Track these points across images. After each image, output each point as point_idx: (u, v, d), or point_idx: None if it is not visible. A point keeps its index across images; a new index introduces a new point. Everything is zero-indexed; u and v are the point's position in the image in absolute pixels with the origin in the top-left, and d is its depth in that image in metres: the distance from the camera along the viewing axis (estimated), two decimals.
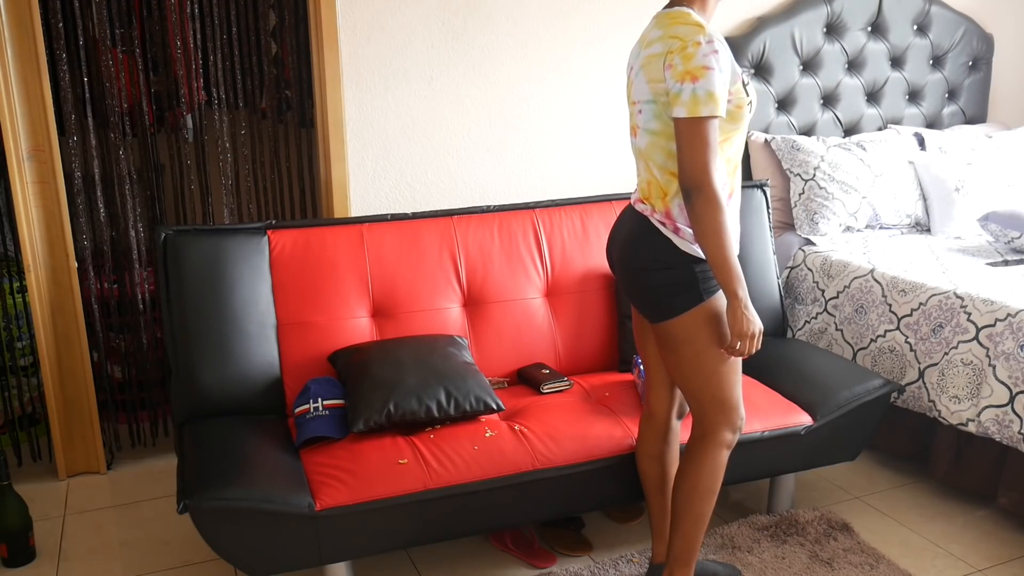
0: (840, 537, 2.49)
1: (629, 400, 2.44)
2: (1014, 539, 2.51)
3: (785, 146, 3.36)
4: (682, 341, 1.93)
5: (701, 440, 2.00)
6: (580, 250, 2.74)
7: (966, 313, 2.58)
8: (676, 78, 1.80)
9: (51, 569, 2.40)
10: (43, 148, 2.66)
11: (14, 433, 3.01)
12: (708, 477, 2.01)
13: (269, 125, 3.20)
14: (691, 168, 1.80)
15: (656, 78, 1.86)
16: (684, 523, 2.03)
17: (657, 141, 1.92)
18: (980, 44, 3.93)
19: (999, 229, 3.12)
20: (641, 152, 1.97)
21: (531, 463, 2.17)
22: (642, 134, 1.95)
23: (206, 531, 1.95)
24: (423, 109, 3.06)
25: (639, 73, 1.92)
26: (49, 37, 2.70)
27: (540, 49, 3.17)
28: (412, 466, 2.10)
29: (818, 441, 2.44)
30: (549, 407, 2.37)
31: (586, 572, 2.34)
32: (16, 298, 2.95)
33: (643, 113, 1.93)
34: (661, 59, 1.84)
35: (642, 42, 1.96)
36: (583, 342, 2.70)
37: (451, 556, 2.45)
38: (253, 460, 2.07)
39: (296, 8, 3.04)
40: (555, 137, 3.28)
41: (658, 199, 1.93)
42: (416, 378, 2.25)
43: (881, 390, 2.50)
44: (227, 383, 2.34)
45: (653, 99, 1.89)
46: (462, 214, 2.68)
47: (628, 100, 2.02)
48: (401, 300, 2.54)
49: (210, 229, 2.42)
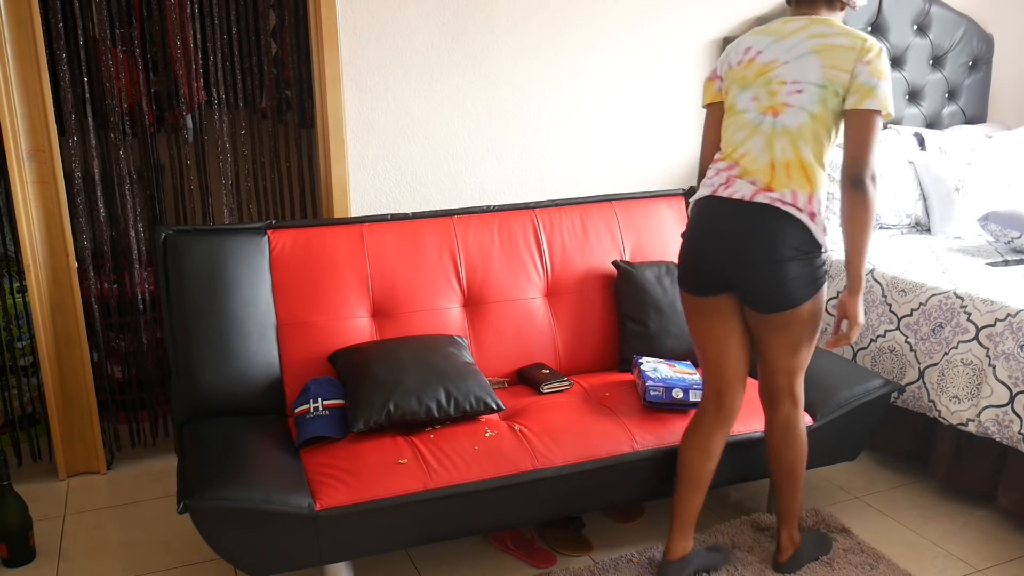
0: (840, 537, 2.48)
1: (629, 400, 2.44)
2: (1014, 539, 2.51)
3: None
4: (803, 324, 2.06)
5: (794, 410, 2.18)
6: (580, 250, 2.74)
7: (966, 313, 2.58)
8: (874, 74, 1.94)
9: (51, 569, 2.40)
10: (43, 148, 2.66)
11: (14, 433, 3.01)
12: (805, 440, 2.22)
13: (269, 125, 3.20)
14: (868, 157, 1.95)
15: (840, 67, 1.96)
16: (798, 485, 2.24)
17: (813, 125, 2.00)
18: (980, 44, 3.93)
19: (999, 229, 3.12)
20: (788, 131, 2.01)
21: (531, 463, 2.17)
22: (795, 113, 2.00)
23: (206, 531, 1.95)
24: (423, 109, 3.06)
25: (808, 56, 1.99)
26: (49, 37, 2.70)
27: (540, 49, 3.17)
28: (412, 466, 2.10)
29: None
30: (549, 407, 2.38)
31: (586, 572, 2.34)
32: (16, 298, 2.95)
33: (804, 93, 1.99)
34: (851, 51, 1.96)
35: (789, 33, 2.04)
36: (583, 342, 2.70)
37: (451, 556, 2.44)
38: (253, 460, 2.07)
39: (296, 8, 3.04)
40: (556, 137, 3.28)
41: (802, 184, 2.00)
42: (416, 378, 2.25)
43: (881, 390, 2.52)
44: (227, 383, 2.34)
45: (825, 83, 1.98)
46: (462, 214, 2.68)
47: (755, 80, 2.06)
48: (401, 300, 2.54)
49: (210, 229, 2.42)
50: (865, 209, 1.95)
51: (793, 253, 1.98)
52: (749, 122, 2.06)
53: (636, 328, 2.67)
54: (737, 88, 2.10)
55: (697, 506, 2.23)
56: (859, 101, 1.95)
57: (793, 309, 2.02)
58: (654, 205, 2.89)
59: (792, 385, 2.16)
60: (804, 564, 2.33)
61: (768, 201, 1.99)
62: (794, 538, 2.31)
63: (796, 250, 1.98)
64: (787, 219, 1.98)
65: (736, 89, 2.10)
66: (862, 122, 1.95)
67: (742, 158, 2.05)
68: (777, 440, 2.21)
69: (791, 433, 2.19)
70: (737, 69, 2.11)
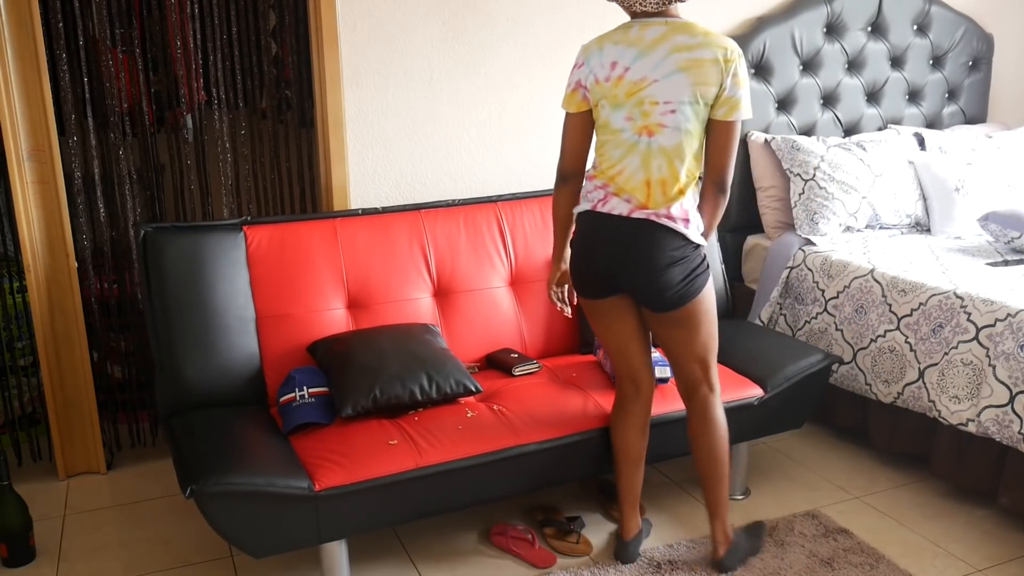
0: (840, 537, 2.49)
1: (595, 378, 2.57)
2: (1014, 539, 2.51)
3: (785, 146, 3.36)
4: (702, 314, 2.14)
5: (711, 395, 2.23)
6: (541, 241, 2.87)
7: (966, 313, 2.58)
8: (738, 85, 2.01)
9: (51, 569, 2.40)
10: (43, 148, 2.66)
11: (14, 433, 3.01)
12: (725, 425, 2.26)
13: (269, 125, 3.20)
14: (732, 164, 2.08)
15: (709, 82, 2.00)
16: (723, 472, 2.26)
17: (689, 141, 2.04)
18: (980, 44, 3.93)
19: (999, 229, 3.12)
20: (664, 150, 2.04)
21: (513, 439, 2.28)
22: (671, 133, 2.03)
23: (211, 515, 2.02)
24: (423, 109, 3.06)
25: (677, 75, 2.01)
26: (49, 37, 2.70)
27: (540, 48, 3.17)
28: (402, 446, 2.19)
29: (769, 411, 2.62)
30: (523, 388, 2.50)
31: (586, 572, 2.34)
32: (16, 298, 2.95)
33: (678, 113, 2.02)
34: (717, 65, 1.99)
35: (651, 44, 2.02)
36: (547, 327, 2.84)
37: (451, 556, 2.45)
38: (249, 447, 2.15)
39: (296, 8, 3.04)
40: (556, 136, 3.27)
41: (675, 197, 2.05)
42: (398, 364, 2.35)
43: (823, 363, 2.69)
44: (210, 376, 2.41)
45: (696, 100, 2.01)
46: (429, 208, 2.79)
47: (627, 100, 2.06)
48: (375, 291, 2.64)
49: (188, 226, 2.49)
50: (724, 206, 2.13)
51: (672, 258, 2.06)
52: (625, 141, 2.09)
53: None
54: (609, 107, 2.09)
55: (639, 483, 2.36)
56: (727, 114, 2.03)
57: (684, 307, 2.10)
58: None
59: (705, 372, 2.22)
60: (744, 557, 2.35)
61: (644, 216, 2.06)
62: (727, 533, 2.32)
63: (674, 255, 2.07)
64: (663, 230, 2.06)
65: (608, 107, 2.10)
66: (728, 132, 2.05)
67: (618, 176, 2.10)
68: (698, 428, 2.25)
69: (710, 419, 2.23)
70: (605, 86, 2.09)
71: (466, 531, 2.57)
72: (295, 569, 2.39)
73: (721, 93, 2.01)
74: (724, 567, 2.31)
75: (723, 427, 2.25)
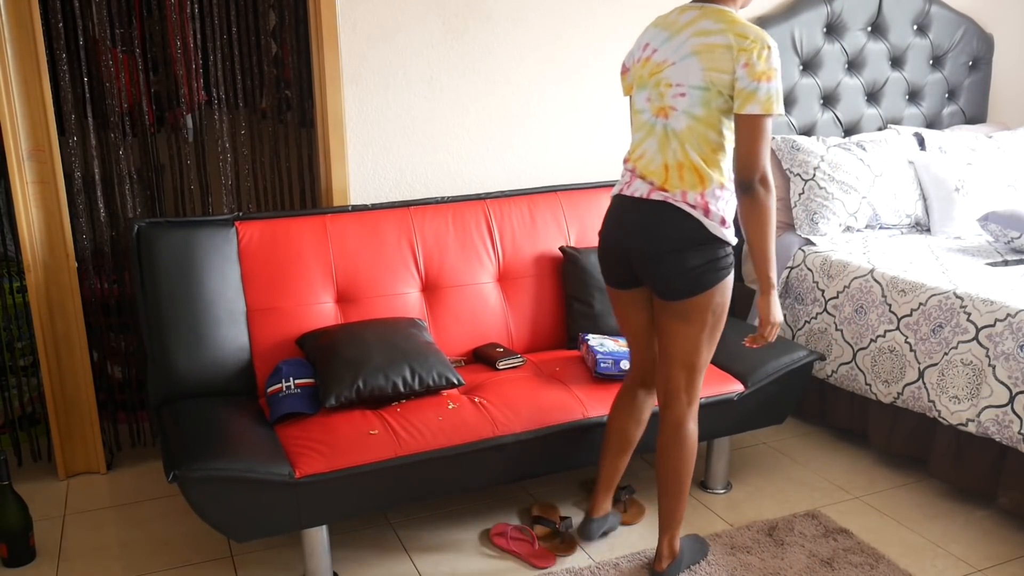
0: (840, 537, 2.49)
1: (578, 373, 2.61)
2: (1014, 539, 2.51)
3: (785, 146, 3.37)
4: (703, 315, 2.07)
5: (687, 409, 2.17)
6: (529, 237, 2.90)
7: (966, 313, 2.59)
8: (754, 77, 1.92)
9: (51, 569, 2.40)
10: (43, 148, 2.66)
11: (14, 433, 3.01)
12: (694, 443, 2.20)
13: (269, 125, 3.20)
14: (757, 161, 1.94)
15: (721, 68, 1.95)
16: (683, 490, 2.22)
17: (698, 127, 2.01)
18: (980, 44, 3.93)
19: (999, 229, 3.12)
20: (676, 134, 2.03)
21: (492, 431, 2.31)
22: (680, 116, 2.02)
23: (193, 499, 2.06)
24: (423, 109, 3.06)
25: (690, 58, 1.99)
26: (49, 37, 2.70)
27: (540, 48, 3.17)
28: (382, 436, 2.23)
29: (749, 406, 2.65)
30: (505, 381, 2.53)
31: (586, 572, 2.34)
32: (16, 298, 2.95)
33: (687, 97, 2.00)
34: (729, 52, 1.94)
35: (681, 28, 2.02)
36: (533, 322, 2.87)
37: (451, 556, 2.45)
38: (234, 434, 2.20)
39: (296, 8, 3.04)
40: (556, 136, 3.28)
41: (694, 184, 2.01)
42: (382, 357, 2.37)
43: (804, 359, 2.70)
44: (200, 367, 2.46)
45: (706, 86, 1.98)
46: (418, 205, 2.82)
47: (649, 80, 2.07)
48: (363, 286, 2.67)
49: (181, 221, 2.53)
50: (757, 212, 1.97)
51: (689, 243, 2.02)
52: (645, 123, 2.10)
53: (582, 308, 2.83)
54: (637, 87, 2.13)
55: (622, 469, 2.38)
56: (741, 106, 1.95)
57: (692, 298, 2.05)
58: (595, 195, 3.06)
59: (689, 384, 2.16)
60: (680, 573, 2.32)
61: (661, 198, 2.04)
62: (673, 547, 2.29)
63: (691, 240, 2.02)
64: (680, 212, 2.02)
65: (636, 88, 2.14)
66: (746, 126, 1.95)
67: (639, 159, 2.11)
68: (667, 440, 2.20)
69: (681, 434, 2.18)
70: (636, 67, 2.14)
71: (466, 531, 2.57)
72: (295, 569, 2.39)
73: (735, 84, 1.95)
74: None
75: (692, 444, 2.19)
